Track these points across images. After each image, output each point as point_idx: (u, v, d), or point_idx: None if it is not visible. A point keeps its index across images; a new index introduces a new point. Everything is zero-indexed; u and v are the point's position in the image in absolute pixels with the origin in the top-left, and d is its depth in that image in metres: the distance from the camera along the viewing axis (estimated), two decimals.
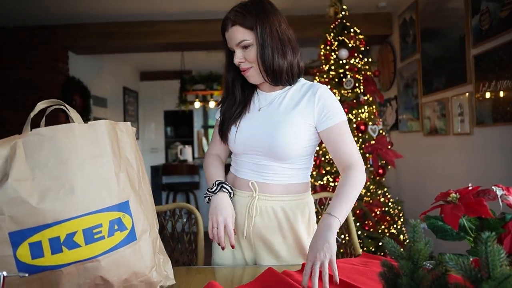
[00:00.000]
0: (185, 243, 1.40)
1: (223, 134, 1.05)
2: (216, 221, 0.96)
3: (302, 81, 1.05)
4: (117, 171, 0.74)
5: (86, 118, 4.21)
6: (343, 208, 0.90)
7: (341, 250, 1.76)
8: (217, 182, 1.03)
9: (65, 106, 0.74)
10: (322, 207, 1.60)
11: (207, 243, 1.43)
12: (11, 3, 3.32)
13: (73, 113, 0.73)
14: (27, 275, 0.55)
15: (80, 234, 0.66)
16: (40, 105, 0.72)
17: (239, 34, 0.95)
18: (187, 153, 4.35)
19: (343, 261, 1.04)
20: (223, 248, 0.97)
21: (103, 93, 5.02)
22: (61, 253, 0.64)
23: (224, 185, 1.02)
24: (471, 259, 0.57)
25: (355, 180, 0.95)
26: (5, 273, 0.52)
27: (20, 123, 0.76)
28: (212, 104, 5.10)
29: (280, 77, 0.97)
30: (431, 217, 0.67)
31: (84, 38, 3.85)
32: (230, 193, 1.03)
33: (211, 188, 1.02)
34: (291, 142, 0.96)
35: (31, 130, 0.66)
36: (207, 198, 1.03)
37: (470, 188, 0.65)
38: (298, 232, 1.02)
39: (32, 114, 0.70)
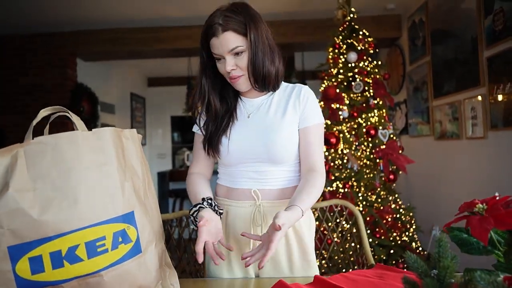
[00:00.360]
0: (192, 252, 1.37)
1: (214, 148, 0.98)
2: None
3: (283, 84, 1.04)
4: (122, 180, 0.71)
5: (94, 124, 4.22)
6: (307, 202, 0.89)
7: (352, 259, 1.71)
8: (206, 198, 0.92)
9: (68, 113, 0.71)
10: (332, 214, 1.55)
11: None
12: (20, 11, 3.36)
13: (76, 120, 0.70)
14: None
15: (83, 247, 0.63)
16: (43, 113, 0.69)
17: (232, 40, 0.90)
18: None
19: (356, 273, 0.99)
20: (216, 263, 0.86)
21: (111, 99, 5.05)
22: (62, 268, 0.61)
23: (213, 202, 0.92)
24: (501, 276, 0.53)
25: (315, 182, 0.94)
26: None
27: (25, 128, 0.73)
28: None
29: (268, 83, 0.97)
30: (454, 229, 0.63)
31: (92, 45, 3.87)
32: (219, 212, 0.92)
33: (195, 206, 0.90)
34: (287, 143, 0.96)
35: (33, 139, 0.64)
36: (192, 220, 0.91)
37: (497, 197, 0.60)
38: (302, 237, 1.01)
39: (34, 122, 0.67)
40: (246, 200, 0.99)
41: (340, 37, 2.55)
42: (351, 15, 2.57)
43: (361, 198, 2.32)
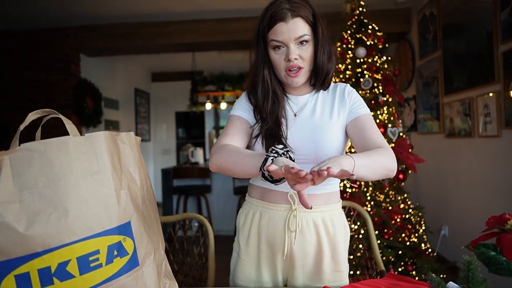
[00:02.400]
0: (195, 256, 1.32)
1: (271, 144, 0.88)
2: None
3: None
4: (117, 188, 0.66)
5: (97, 120, 4.19)
6: (363, 159, 0.77)
7: (360, 261, 1.65)
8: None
9: (59, 116, 0.66)
10: (350, 217, 1.49)
11: (218, 257, 1.35)
12: (23, 6, 3.32)
13: (68, 124, 0.65)
14: None
15: (74, 263, 0.58)
16: (32, 116, 0.64)
17: (301, 27, 0.86)
18: (198, 155, 4.28)
19: (367, 283, 0.94)
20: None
21: (115, 95, 5.01)
22: (52, 286, 0.56)
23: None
24: None
25: (379, 150, 0.84)
26: None
27: (33, 125, 0.69)
28: (223, 106, 5.02)
29: (325, 81, 0.94)
30: (481, 246, 0.57)
31: (96, 40, 3.83)
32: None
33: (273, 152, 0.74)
34: (335, 144, 0.92)
35: (19, 145, 0.58)
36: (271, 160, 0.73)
37: None
38: (337, 247, 0.96)
39: (22, 126, 0.62)
40: (281, 204, 0.94)
41: (349, 32, 2.47)
42: (360, 9, 2.48)
43: (369, 198, 2.26)
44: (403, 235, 2.24)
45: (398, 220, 2.24)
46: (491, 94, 2.27)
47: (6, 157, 0.57)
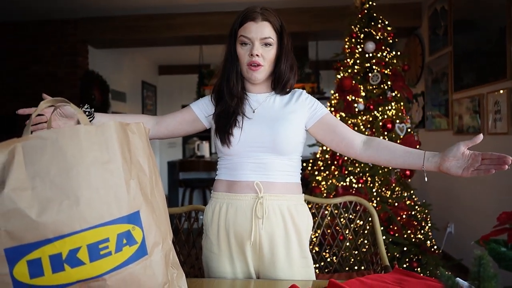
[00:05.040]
0: (200, 247, 1.33)
1: (226, 136, 1.00)
2: None
3: None
4: (127, 178, 0.66)
5: (105, 112, 4.22)
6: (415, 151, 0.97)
7: (365, 256, 1.66)
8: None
9: (70, 105, 0.66)
10: (344, 209, 1.50)
11: None
12: None
13: (79, 114, 0.65)
14: None
15: (85, 250, 0.59)
16: (43, 104, 0.65)
17: (268, 30, 0.98)
18: (204, 149, 4.30)
19: (373, 278, 0.94)
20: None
21: (122, 87, 5.03)
22: (63, 272, 0.57)
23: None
24: None
25: (385, 141, 1.01)
26: None
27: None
28: None
29: (284, 86, 1.04)
30: (491, 241, 0.56)
31: (103, 32, 3.84)
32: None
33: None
34: (292, 134, 1.00)
35: (32, 133, 0.59)
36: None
37: None
38: (301, 234, 1.02)
39: (34, 115, 0.63)
40: (248, 193, 1.00)
41: (358, 26, 2.44)
42: (370, 3, 2.45)
43: (375, 193, 2.25)
44: (409, 231, 2.24)
45: (404, 216, 2.23)
46: (501, 91, 2.23)
47: (19, 144, 0.57)
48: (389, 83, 2.34)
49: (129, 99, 5.25)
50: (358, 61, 2.40)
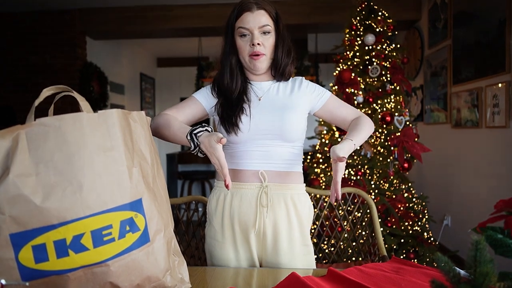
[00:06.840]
0: (200, 237, 1.35)
1: (234, 124, 1.00)
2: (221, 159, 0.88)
3: None
4: (129, 166, 0.67)
5: (103, 104, 4.20)
6: (358, 136, 0.98)
7: (363, 247, 1.68)
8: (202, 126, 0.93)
9: (73, 93, 0.67)
10: (343, 201, 1.51)
11: None
12: None
13: (81, 101, 0.66)
14: (27, 284, 0.48)
15: (88, 236, 0.60)
16: (46, 92, 0.65)
17: (265, 18, 0.99)
18: None
19: (371, 266, 0.96)
20: (228, 187, 0.88)
21: (121, 79, 5.00)
22: (67, 257, 0.58)
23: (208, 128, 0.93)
24: None
25: (361, 120, 1.04)
26: (3, 281, 0.46)
27: (38, 109, 0.69)
28: None
29: (284, 72, 1.05)
30: (488, 229, 0.57)
31: (102, 23, 3.80)
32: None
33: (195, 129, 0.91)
34: (298, 121, 1.02)
35: (35, 120, 0.59)
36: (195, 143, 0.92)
37: None
38: (303, 223, 1.04)
39: (36, 102, 0.63)
40: (253, 182, 1.01)
41: (358, 18, 2.43)
42: None
43: (373, 186, 2.27)
44: (406, 223, 2.26)
45: (402, 208, 2.25)
46: (500, 85, 2.24)
47: (22, 131, 0.58)
48: (388, 76, 2.34)
49: (127, 92, 5.23)
50: (357, 54, 2.40)
